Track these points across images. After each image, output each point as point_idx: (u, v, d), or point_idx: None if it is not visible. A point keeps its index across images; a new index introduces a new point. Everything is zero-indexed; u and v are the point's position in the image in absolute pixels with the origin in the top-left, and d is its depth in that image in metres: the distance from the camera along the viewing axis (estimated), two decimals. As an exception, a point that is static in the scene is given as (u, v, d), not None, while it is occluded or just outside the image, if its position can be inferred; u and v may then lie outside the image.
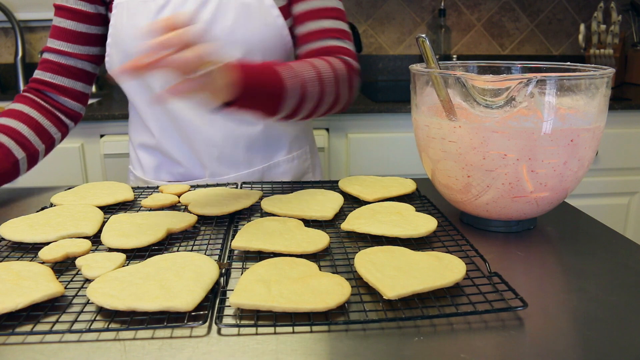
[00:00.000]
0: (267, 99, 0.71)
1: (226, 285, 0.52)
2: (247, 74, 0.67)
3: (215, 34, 0.84)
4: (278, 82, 0.72)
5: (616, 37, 2.01)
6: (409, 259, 0.55)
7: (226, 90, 0.64)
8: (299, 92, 0.75)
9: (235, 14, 0.84)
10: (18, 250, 0.62)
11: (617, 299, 0.51)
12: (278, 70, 0.73)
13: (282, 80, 0.72)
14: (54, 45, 0.89)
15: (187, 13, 0.79)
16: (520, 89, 0.57)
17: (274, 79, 0.71)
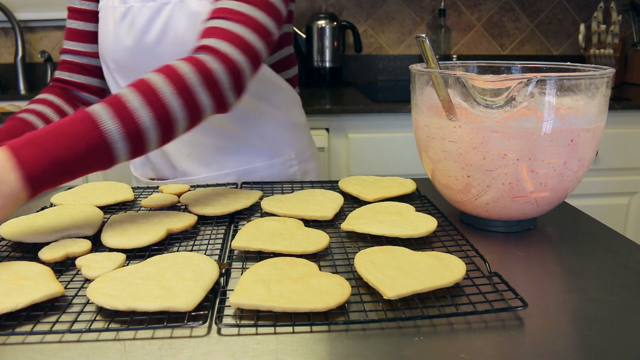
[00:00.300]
0: (83, 165, 0.59)
1: (226, 285, 0.52)
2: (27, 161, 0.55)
3: (168, 43, 0.84)
4: (89, 131, 0.59)
5: (616, 37, 2.01)
6: (409, 259, 0.55)
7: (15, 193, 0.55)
8: (130, 132, 0.61)
9: (186, 22, 0.83)
10: (18, 250, 0.62)
11: (617, 299, 0.51)
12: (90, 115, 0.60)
13: (97, 127, 0.59)
14: (68, 46, 0.95)
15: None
16: (520, 89, 0.57)
17: (81, 132, 0.58)
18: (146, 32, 0.84)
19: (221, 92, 0.69)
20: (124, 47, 0.87)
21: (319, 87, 2.04)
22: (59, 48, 2.03)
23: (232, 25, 0.72)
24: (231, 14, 0.73)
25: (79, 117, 0.60)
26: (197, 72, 0.67)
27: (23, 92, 1.98)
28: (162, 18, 0.84)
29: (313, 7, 2.11)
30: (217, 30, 0.72)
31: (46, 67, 2.00)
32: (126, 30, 0.86)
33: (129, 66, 0.88)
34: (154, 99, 0.63)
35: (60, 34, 2.05)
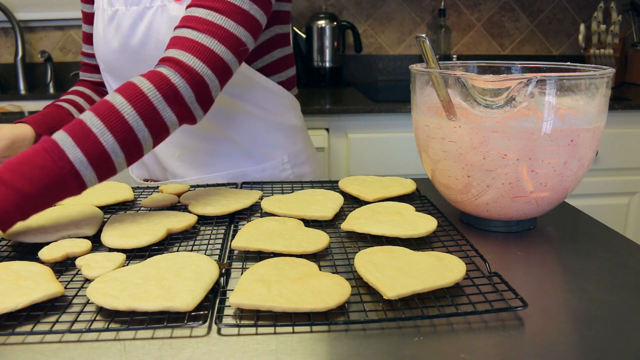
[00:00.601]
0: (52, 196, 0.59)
1: (226, 285, 0.52)
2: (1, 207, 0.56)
3: (151, 48, 0.84)
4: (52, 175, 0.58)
5: (616, 37, 2.01)
6: (409, 259, 0.55)
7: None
8: (95, 158, 0.61)
9: (166, 27, 0.83)
10: (18, 250, 0.62)
11: (617, 299, 0.51)
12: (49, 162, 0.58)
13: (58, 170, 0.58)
14: (84, 49, 1.01)
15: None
16: (520, 89, 0.57)
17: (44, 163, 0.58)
18: (131, 35, 0.85)
19: (185, 107, 0.68)
20: (111, 49, 0.88)
21: (319, 87, 2.04)
22: (59, 48, 2.04)
23: (199, 36, 0.70)
24: (199, 24, 0.71)
25: (44, 147, 0.59)
26: (159, 88, 0.66)
27: (23, 92, 1.98)
28: (144, 22, 0.84)
29: (313, 7, 2.11)
30: (183, 41, 0.71)
31: (46, 67, 2.00)
32: (113, 33, 0.87)
33: (117, 68, 0.89)
34: (117, 122, 0.63)
35: (60, 34, 2.05)
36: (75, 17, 2.01)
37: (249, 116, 0.93)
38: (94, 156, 0.61)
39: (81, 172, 0.60)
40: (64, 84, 2.07)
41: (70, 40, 2.06)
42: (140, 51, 0.85)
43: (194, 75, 0.68)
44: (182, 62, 0.68)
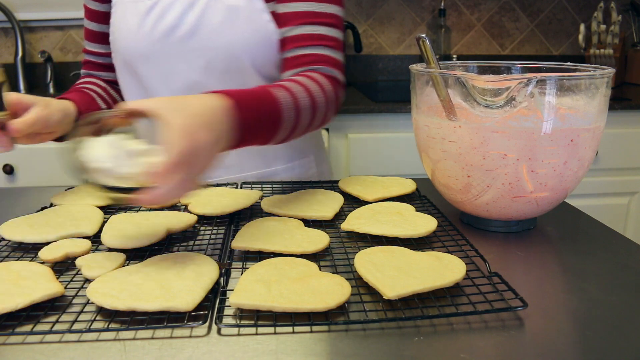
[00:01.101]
0: (262, 133, 0.68)
1: (226, 285, 0.52)
2: (244, 117, 0.63)
3: (201, 37, 0.84)
4: (275, 114, 0.69)
5: (616, 37, 2.01)
6: (409, 259, 0.55)
7: (226, 141, 0.61)
8: (293, 122, 0.72)
9: (222, 17, 0.83)
10: (18, 250, 0.62)
11: (617, 299, 0.51)
12: (277, 101, 0.69)
13: (280, 111, 0.69)
14: (87, 47, 0.98)
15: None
16: (520, 89, 0.57)
17: (270, 111, 0.68)
18: (177, 26, 0.84)
19: (337, 111, 0.83)
20: (149, 40, 0.85)
21: (319, 87, 2.04)
22: (59, 48, 2.04)
23: (335, 53, 0.84)
24: (330, 41, 0.84)
25: (268, 97, 0.69)
26: (332, 91, 0.80)
27: (23, 92, 1.98)
28: (194, 12, 0.84)
29: (313, 7, 2.11)
30: (329, 59, 0.83)
31: (46, 67, 2.00)
32: (152, 25, 0.85)
33: (155, 59, 0.87)
34: (313, 105, 0.75)
35: (60, 34, 2.05)
36: (75, 17, 2.01)
37: None
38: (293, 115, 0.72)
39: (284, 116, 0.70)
40: (64, 84, 2.07)
41: (70, 40, 2.06)
42: (187, 41, 0.84)
43: (344, 88, 0.85)
44: (338, 80, 0.83)
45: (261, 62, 0.86)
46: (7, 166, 1.55)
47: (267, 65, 0.86)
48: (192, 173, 0.54)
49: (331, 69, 0.82)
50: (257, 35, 0.84)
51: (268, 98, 0.68)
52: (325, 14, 0.83)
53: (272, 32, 0.85)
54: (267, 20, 0.84)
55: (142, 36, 0.86)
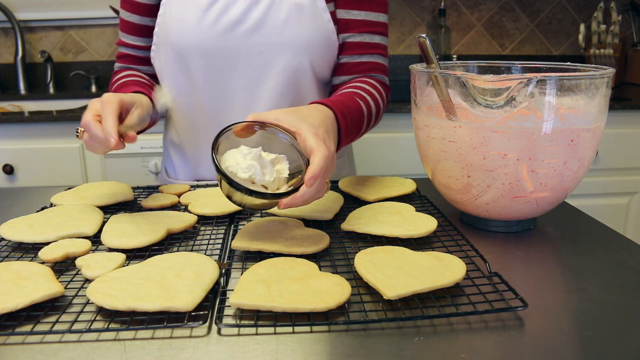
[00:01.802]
0: (351, 137, 0.77)
1: (226, 285, 0.52)
2: (346, 124, 0.73)
3: (264, 33, 0.84)
4: (362, 121, 0.80)
5: (616, 37, 2.01)
6: (409, 259, 0.55)
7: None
8: (366, 127, 0.83)
9: (287, 13, 0.84)
10: (18, 250, 0.62)
11: (617, 299, 0.51)
12: (361, 109, 0.80)
13: (363, 119, 0.80)
14: (125, 40, 0.95)
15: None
16: (520, 89, 0.57)
17: (360, 118, 0.79)
18: (241, 21, 0.84)
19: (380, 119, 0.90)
20: (212, 35, 0.84)
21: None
22: (59, 48, 2.04)
23: (385, 61, 0.92)
24: (383, 50, 0.91)
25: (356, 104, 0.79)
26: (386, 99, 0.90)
27: (23, 92, 1.98)
28: (259, 9, 0.84)
29: (313, 7, 2.11)
30: (383, 67, 0.91)
31: (46, 67, 2.00)
32: (214, 19, 0.84)
33: (213, 54, 0.86)
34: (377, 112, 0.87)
35: (60, 34, 2.05)
36: (75, 17, 2.01)
37: None
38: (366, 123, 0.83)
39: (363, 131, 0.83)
40: (64, 84, 2.07)
41: (70, 40, 2.06)
42: (250, 37, 0.84)
43: (390, 94, 0.93)
44: (388, 86, 0.93)
45: (318, 61, 0.87)
46: (7, 166, 1.55)
47: (324, 66, 0.89)
48: (327, 176, 0.60)
49: (384, 76, 0.91)
50: (319, 34, 0.86)
51: (356, 107, 0.78)
52: (379, 23, 0.89)
53: (331, 32, 0.87)
54: (327, 20, 0.86)
55: (202, 30, 0.84)
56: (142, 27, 0.93)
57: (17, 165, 1.57)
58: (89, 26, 2.05)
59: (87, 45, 2.07)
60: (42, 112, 1.56)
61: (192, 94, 0.90)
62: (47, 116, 1.53)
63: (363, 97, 0.82)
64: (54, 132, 1.56)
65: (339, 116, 0.72)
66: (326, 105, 0.71)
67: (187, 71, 0.88)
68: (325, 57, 0.88)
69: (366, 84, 0.86)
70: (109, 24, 2.04)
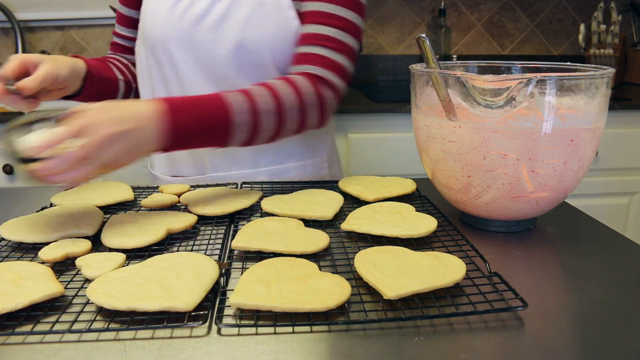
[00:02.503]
0: (209, 136, 0.70)
1: (226, 285, 0.52)
2: (178, 120, 0.66)
3: (227, 28, 0.85)
4: (222, 117, 0.70)
5: (616, 37, 2.01)
6: (409, 259, 0.55)
7: (155, 142, 0.64)
8: (251, 125, 0.73)
9: (248, 10, 0.84)
10: (18, 250, 0.62)
11: (617, 299, 0.51)
12: (227, 105, 0.71)
13: (228, 115, 0.70)
14: (119, 31, 1.01)
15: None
16: (520, 89, 0.57)
17: (217, 115, 0.70)
18: (205, 15, 0.85)
19: (326, 114, 0.82)
20: (177, 28, 0.86)
21: (319, 87, 2.03)
22: (59, 48, 2.04)
23: (335, 55, 0.82)
24: (333, 43, 0.82)
25: (216, 101, 0.70)
26: (313, 94, 0.79)
27: (23, 92, 1.98)
28: (222, 4, 0.85)
29: (313, 7, 2.11)
30: (324, 60, 0.82)
31: (46, 67, 2.00)
32: (181, 13, 0.86)
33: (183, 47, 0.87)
34: (279, 108, 0.75)
35: (60, 34, 2.05)
36: (75, 17, 2.01)
37: None
38: (251, 126, 0.73)
39: (234, 132, 0.72)
40: (64, 84, 2.06)
41: (70, 40, 2.06)
42: (214, 31, 0.85)
43: (336, 91, 0.83)
44: (331, 82, 0.82)
45: (281, 58, 0.87)
46: (7, 166, 1.55)
47: (288, 62, 0.87)
48: (91, 157, 0.58)
49: (323, 69, 0.81)
50: (281, 31, 0.85)
51: (215, 104, 0.70)
52: (335, 15, 0.83)
53: (295, 29, 0.86)
54: (291, 17, 0.86)
55: (170, 23, 0.86)
56: (128, 19, 0.98)
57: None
58: (89, 26, 2.05)
59: (87, 45, 2.07)
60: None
61: (164, 86, 0.92)
62: (47, 116, 1.53)
63: (248, 94, 0.73)
64: (54, 132, 1.56)
65: (169, 111, 0.65)
66: (161, 100, 0.66)
67: (159, 64, 0.91)
68: (288, 54, 0.86)
69: (277, 79, 0.78)
70: (109, 24, 2.04)
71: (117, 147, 0.60)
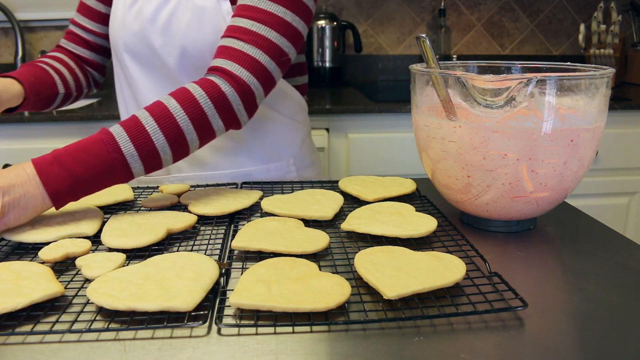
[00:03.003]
0: (102, 182, 0.66)
1: (226, 285, 0.52)
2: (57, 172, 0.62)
3: (172, 34, 0.85)
4: (109, 154, 0.65)
5: (616, 37, 2.01)
6: (409, 259, 0.55)
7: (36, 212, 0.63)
8: (146, 153, 0.67)
9: (189, 16, 0.84)
10: (18, 250, 0.62)
11: (617, 299, 0.51)
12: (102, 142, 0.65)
13: (111, 160, 0.65)
14: (78, 20, 0.97)
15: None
16: (520, 89, 0.57)
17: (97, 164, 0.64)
18: (153, 20, 0.86)
19: (233, 114, 0.75)
20: (131, 32, 0.88)
21: (319, 87, 2.04)
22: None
23: (244, 47, 0.75)
24: (245, 35, 0.76)
25: (100, 138, 0.66)
26: (210, 96, 0.72)
27: (23, 92, 1.98)
28: (167, 9, 0.85)
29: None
30: (230, 51, 0.75)
31: (46, 67, 2.00)
32: (133, 17, 0.87)
33: (137, 51, 0.89)
34: (169, 123, 0.69)
35: (60, 34, 2.05)
36: (75, 17, 2.00)
37: (263, 117, 0.93)
38: (145, 152, 0.67)
39: (131, 164, 0.67)
40: (64, 84, 2.06)
41: (70, 40, 2.06)
42: (162, 36, 0.86)
43: (241, 85, 0.74)
44: (231, 72, 0.74)
45: None
46: (7, 166, 1.55)
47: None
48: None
49: (231, 62, 0.74)
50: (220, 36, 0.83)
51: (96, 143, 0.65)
52: (256, 8, 0.76)
53: None
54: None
55: (125, 26, 0.88)
56: (94, 11, 0.96)
57: (17, 165, 1.57)
58: (89, 26, 2.05)
59: (87, 45, 2.07)
60: (42, 112, 1.56)
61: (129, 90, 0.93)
62: (47, 116, 1.53)
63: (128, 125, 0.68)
64: (54, 132, 1.56)
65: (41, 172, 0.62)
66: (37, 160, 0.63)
67: (122, 68, 0.92)
68: None
69: (169, 95, 0.72)
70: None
71: (14, 213, 0.61)
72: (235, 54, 0.75)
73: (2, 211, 0.60)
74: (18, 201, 0.61)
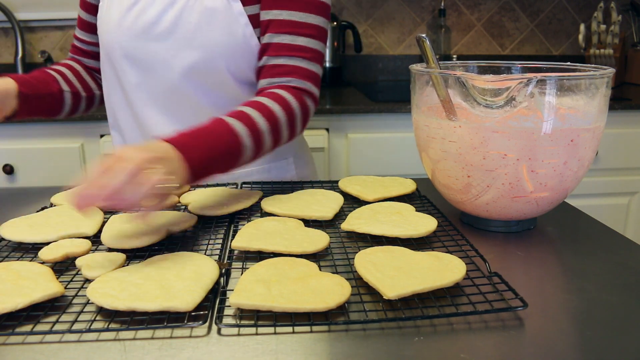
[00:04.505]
0: (222, 163, 0.70)
1: (226, 285, 0.52)
2: (195, 158, 0.65)
3: (178, 37, 0.84)
4: (234, 145, 0.70)
5: (616, 37, 2.01)
6: (409, 259, 0.55)
7: (181, 173, 0.63)
8: (254, 148, 0.74)
9: (198, 17, 0.83)
10: (18, 250, 0.62)
11: (617, 299, 0.51)
12: (233, 132, 0.71)
13: (238, 142, 0.71)
14: (76, 33, 1.03)
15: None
16: (521, 89, 0.57)
17: (230, 142, 0.70)
18: (156, 23, 0.84)
19: (306, 125, 0.85)
20: (131, 36, 0.86)
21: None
22: (59, 48, 2.04)
23: (310, 65, 0.84)
24: (307, 53, 0.83)
25: (223, 129, 0.70)
26: (303, 120, 0.83)
27: (23, 92, 1.98)
28: (173, 11, 0.84)
29: (313, 7, 2.11)
30: (303, 71, 0.83)
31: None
32: (133, 20, 0.85)
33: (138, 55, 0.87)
34: (275, 126, 0.76)
35: (60, 34, 2.05)
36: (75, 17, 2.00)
37: None
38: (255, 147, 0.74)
39: (244, 154, 0.73)
40: (64, 84, 2.06)
41: (70, 40, 2.06)
42: (165, 40, 0.85)
43: (316, 101, 0.86)
44: (314, 95, 0.85)
45: (236, 67, 0.85)
46: (7, 166, 1.55)
47: (244, 70, 0.86)
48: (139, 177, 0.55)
49: (304, 81, 0.83)
50: (233, 39, 0.83)
51: (223, 132, 0.70)
52: (306, 24, 0.82)
53: (249, 37, 0.84)
54: (244, 23, 0.83)
55: (122, 30, 0.86)
56: (87, 24, 1.00)
57: (17, 165, 1.57)
58: (89, 26, 2.04)
59: (87, 45, 2.07)
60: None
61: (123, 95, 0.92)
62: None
63: (247, 117, 0.74)
64: (54, 132, 1.56)
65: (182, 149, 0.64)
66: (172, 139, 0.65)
67: (116, 73, 0.91)
68: (242, 61, 0.85)
69: (265, 96, 0.79)
70: (109, 24, 2.04)
71: (159, 169, 0.58)
72: (308, 74, 0.83)
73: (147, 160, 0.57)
74: (163, 161, 0.60)
